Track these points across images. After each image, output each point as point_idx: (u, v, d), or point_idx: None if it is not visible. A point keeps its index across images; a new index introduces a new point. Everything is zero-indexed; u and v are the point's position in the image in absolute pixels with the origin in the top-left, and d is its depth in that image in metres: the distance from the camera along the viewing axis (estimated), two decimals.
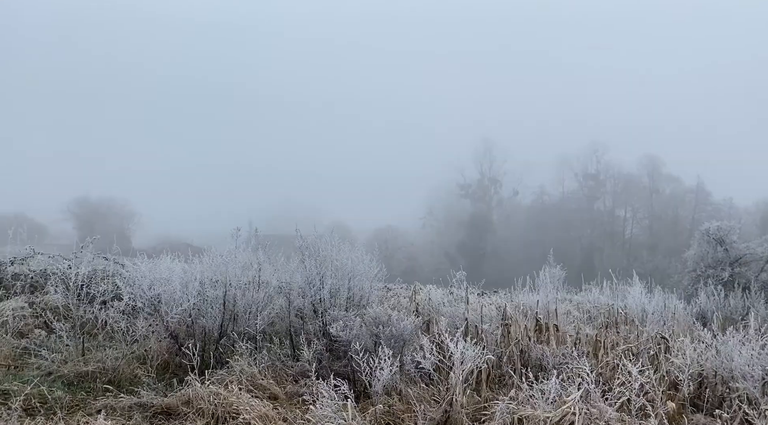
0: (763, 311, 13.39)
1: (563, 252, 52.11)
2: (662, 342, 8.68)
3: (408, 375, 6.83)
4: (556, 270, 12.82)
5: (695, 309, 13.25)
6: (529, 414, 5.26)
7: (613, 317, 11.24)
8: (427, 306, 9.94)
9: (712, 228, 17.07)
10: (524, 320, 9.55)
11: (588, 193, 63.70)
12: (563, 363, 7.32)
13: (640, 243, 59.38)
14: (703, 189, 58.33)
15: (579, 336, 8.98)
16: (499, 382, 7.19)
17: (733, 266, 16.53)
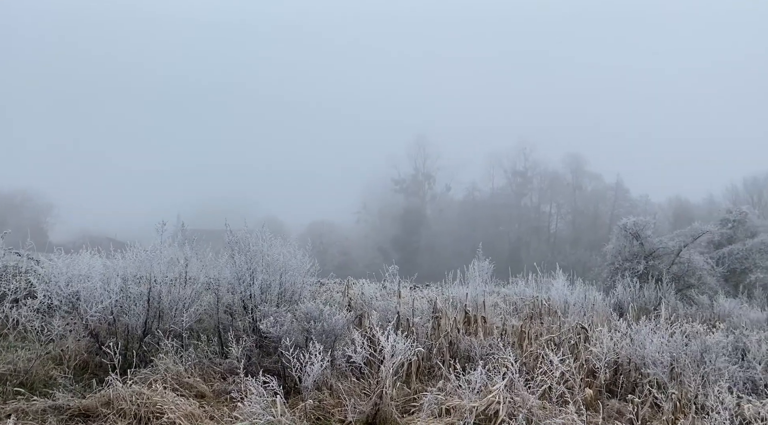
0: (674, 301, 14.37)
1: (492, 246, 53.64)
2: (582, 331, 9.13)
3: (339, 370, 6.84)
4: (485, 264, 13.19)
5: (613, 300, 13.97)
6: (456, 404, 5.41)
7: (537, 308, 11.70)
8: (359, 301, 9.98)
9: (628, 224, 18.03)
10: (454, 312, 9.80)
11: (516, 190, 65.91)
12: (490, 354, 7.56)
13: (563, 237, 62.11)
14: (622, 186, 61.71)
15: (505, 328, 9.29)
16: (429, 374, 7.34)
17: (647, 259, 17.57)
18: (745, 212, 22.21)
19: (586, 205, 62.66)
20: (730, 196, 54.32)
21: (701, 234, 19.18)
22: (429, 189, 70.46)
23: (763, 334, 10.23)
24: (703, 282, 17.15)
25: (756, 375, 7.50)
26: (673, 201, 59.84)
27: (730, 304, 14.03)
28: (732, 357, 8.24)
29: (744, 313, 13.33)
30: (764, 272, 19.67)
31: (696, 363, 7.51)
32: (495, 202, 65.73)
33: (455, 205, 69.02)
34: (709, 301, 15.14)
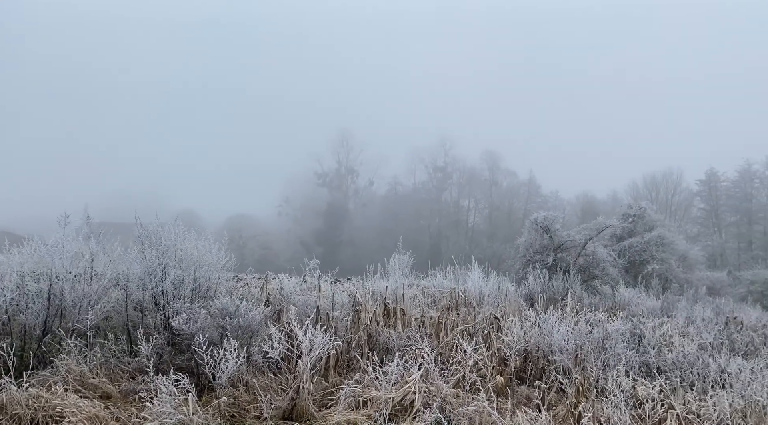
0: (580, 291, 15.21)
1: (414, 240, 54.53)
2: (495, 321, 9.49)
3: (256, 366, 6.73)
4: (406, 258, 13.38)
5: (524, 290, 14.60)
6: (373, 396, 5.47)
7: (454, 300, 12.02)
8: (278, 296, 9.84)
9: (539, 218, 18.89)
10: (374, 305, 9.88)
11: (437, 185, 67.28)
12: (408, 345, 7.70)
13: (481, 231, 64.14)
14: (535, 182, 64.62)
15: (423, 319, 9.48)
16: (348, 367, 7.37)
17: (556, 252, 18.48)
18: (644, 207, 23.93)
19: (501, 200, 65.06)
20: (631, 192, 58.17)
21: (605, 228, 20.45)
22: (352, 183, 70.57)
23: (658, 321, 11.10)
24: (606, 274, 18.28)
25: (650, 359, 8.10)
26: (581, 197, 63.35)
27: (630, 294, 15.09)
28: (630, 343, 8.86)
29: (642, 302, 14.39)
30: (660, 263, 21.32)
31: (598, 350, 8.01)
32: (417, 197, 66.82)
33: (378, 199, 69.57)
34: (611, 291, 16.20)
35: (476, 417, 5.09)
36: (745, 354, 9.31)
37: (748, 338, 10.60)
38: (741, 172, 54.69)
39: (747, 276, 30.27)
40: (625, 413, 5.16)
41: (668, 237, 22.41)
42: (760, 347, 10.03)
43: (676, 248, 22.65)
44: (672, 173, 58.53)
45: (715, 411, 5.46)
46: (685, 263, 23.32)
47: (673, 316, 12.53)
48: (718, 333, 10.49)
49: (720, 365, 7.57)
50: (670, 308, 14.09)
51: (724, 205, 54.80)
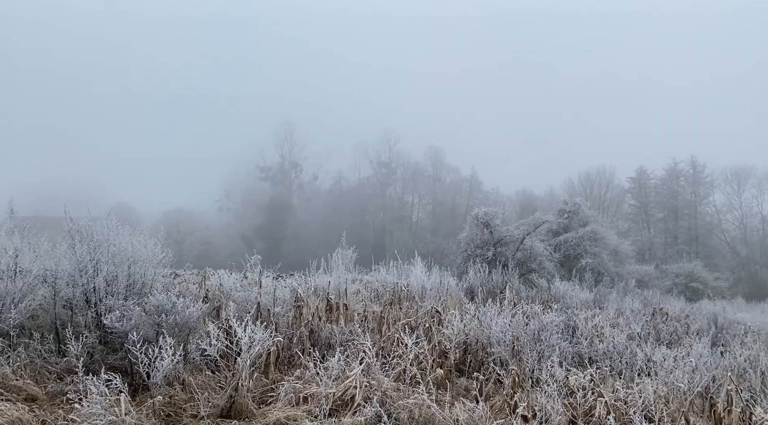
0: (517, 285, 15.65)
1: (358, 235, 54.54)
2: (436, 315, 9.63)
3: (193, 364, 6.57)
4: (349, 253, 13.37)
5: (465, 284, 14.88)
6: (314, 392, 5.45)
7: (397, 294, 12.11)
8: (217, 292, 9.62)
9: (480, 214, 19.34)
10: (316, 301, 9.83)
11: (381, 180, 67.52)
12: (350, 340, 7.70)
13: (424, 226, 64.95)
14: (477, 178, 66.00)
15: (366, 314, 9.52)
16: (289, 363, 7.30)
17: (496, 246, 18.98)
18: (579, 204, 24.86)
19: (444, 196, 66.08)
20: (567, 189, 60.38)
21: (542, 223, 21.16)
22: (296, 177, 69.83)
23: (590, 313, 11.58)
24: (542, 267, 18.92)
25: (582, 350, 8.43)
26: (520, 193, 65.25)
27: (565, 287, 15.65)
28: (564, 335, 9.20)
29: (575, 294, 14.95)
30: (593, 257, 22.22)
31: (534, 341, 8.26)
32: (361, 192, 66.90)
33: (322, 194, 69.16)
34: (547, 284, 16.75)
35: (416, 410, 5.16)
36: (669, 344, 9.82)
37: (672, 328, 11.23)
38: (668, 171, 57.76)
39: (672, 270, 32.03)
40: (558, 402, 5.36)
41: (601, 232, 23.37)
42: (682, 336, 10.62)
43: (608, 243, 23.66)
44: (605, 171, 61.16)
45: (641, 398, 5.75)
46: (616, 257, 24.41)
47: (604, 308, 13.09)
48: (645, 324, 11.04)
49: (646, 354, 7.98)
50: (601, 300, 14.71)
51: (653, 202, 57.71)
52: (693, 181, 56.79)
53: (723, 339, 10.95)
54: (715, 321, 12.50)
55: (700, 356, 8.00)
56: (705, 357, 7.99)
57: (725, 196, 57.16)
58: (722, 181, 57.03)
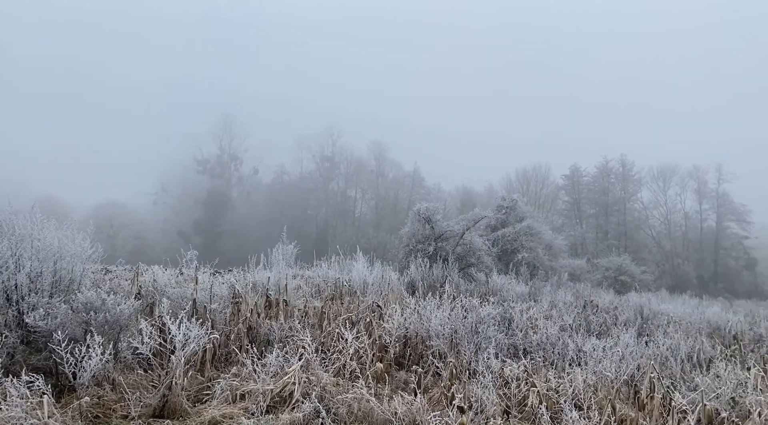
0: (457, 279, 15.93)
1: (300, 229, 54.03)
2: (377, 309, 9.68)
3: (125, 363, 6.32)
4: (290, 248, 13.22)
5: (407, 279, 15.00)
6: (252, 389, 5.36)
7: (339, 289, 12.09)
8: (151, 289, 9.29)
9: (422, 209, 19.52)
10: (255, 297, 9.67)
11: (324, 174, 67.04)
12: (289, 336, 7.62)
13: (367, 221, 65.07)
14: (419, 174, 66.69)
15: (307, 310, 9.45)
16: (226, 360, 7.15)
17: (437, 241, 19.22)
18: (516, 200, 25.55)
19: (387, 191, 66.41)
20: (505, 185, 62.01)
21: (481, 218, 21.61)
22: (235, 171, 68.31)
23: (525, 305, 11.94)
24: (481, 261, 19.33)
25: (517, 341, 8.69)
26: (461, 189, 66.52)
27: (502, 280, 16.05)
28: (500, 327, 9.44)
29: (512, 288, 15.37)
30: (529, 252, 22.89)
31: (471, 333, 8.45)
32: (303, 186, 66.23)
33: (263, 187, 68.02)
34: (485, 278, 17.13)
35: (355, 404, 5.17)
36: (599, 334, 10.24)
37: (602, 319, 11.73)
38: (599, 168, 60.29)
39: (603, 263, 33.49)
40: (493, 392, 5.51)
41: (536, 227, 24.09)
42: (611, 327, 11.11)
43: (543, 237, 24.42)
44: (541, 168, 63.21)
45: (571, 387, 5.99)
46: (550, 251, 25.24)
47: (539, 301, 13.52)
48: (577, 316, 11.48)
49: (577, 345, 8.31)
50: (536, 293, 15.20)
51: (585, 198, 60.11)
52: (622, 178, 59.54)
53: (648, 329, 11.52)
54: (641, 313, 13.14)
55: (627, 346, 8.41)
56: (631, 347, 8.41)
57: (652, 193, 60.38)
58: (649, 178, 60.18)
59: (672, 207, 59.49)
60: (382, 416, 5.00)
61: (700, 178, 58.08)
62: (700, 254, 55.40)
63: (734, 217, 56.25)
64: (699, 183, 58.12)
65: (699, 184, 58.11)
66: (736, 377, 7.13)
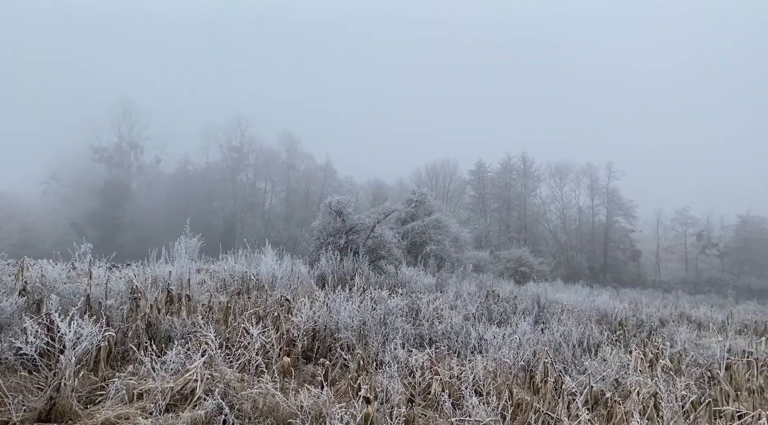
0: (367, 271, 16.08)
1: (206, 222, 52.27)
2: (285, 303, 9.57)
3: (6, 365, 5.82)
4: (194, 241, 12.74)
5: (317, 272, 14.93)
6: (150, 387, 5.12)
7: (246, 284, 11.81)
8: (38, 284, 8.60)
9: (333, 202, 19.49)
10: (155, 292, 9.23)
11: (232, 165, 65.11)
12: (192, 333, 7.36)
13: (277, 213, 64.04)
14: (331, 167, 66.53)
15: (211, 305, 9.16)
16: (123, 359, 6.78)
17: (348, 234, 19.28)
18: (425, 194, 26.15)
19: (299, 183, 65.67)
20: (415, 179, 63.40)
21: (391, 212, 21.95)
22: (135, 160, 64.68)
23: (432, 296, 12.28)
24: (391, 254, 19.63)
25: (424, 331, 8.92)
26: (372, 182, 67.14)
27: (410, 272, 16.40)
28: (408, 318, 9.65)
29: (420, 279, 15.75)
30: (437, 244, 23.53)
31: (380, 325, 8.58)
32: (210, 177, 63.98)
33: (166, 178, 64.97)
34: (394, 270, 17.42)
35: (260, 399, 5.09)
36: (499, 323, 10.73)
37: (502, 308, 12.29)
38: (503, 165, 63.15)
39: (504, 255, 35.15)
40: (398, 382, 5.63)
41: (444, 220, 24.81)
42: (511, 315, 11.68)
43: (450, 230, 25.17)
44: (449, 163, 65.22)
45: (472, 374, 6.24)
46: (457, 244, 26.08)
47: (445, 291, 13.95)
48: (480, 305, 11.96)
49: (479, 333, 8.67)
50: (443, 284, 15.67)
51: (490, 193, 62.77)
52: (523, 174, 62.77)
53: (544, 317, 12.21)
54: (538, 302, 13.91)
55: (524, 333, 8.88)
56: (528, 334, 8.89)
57: (550, 188, 64.19)
58: (547, 175, 63.92)
59: (567, 202, 63.56)
60: (287, 410, 4.95)
61: (592, 175, 62.47)
62: (591, 246, 59.59)
63: (622, 212, 61.04)
64: (592, 180, 62.51)
65: (592, 180, 62.48)
66: (619, 360, 7.74)
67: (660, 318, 14.66)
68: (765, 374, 7.65)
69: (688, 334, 10.62)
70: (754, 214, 58.15)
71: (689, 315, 16.65)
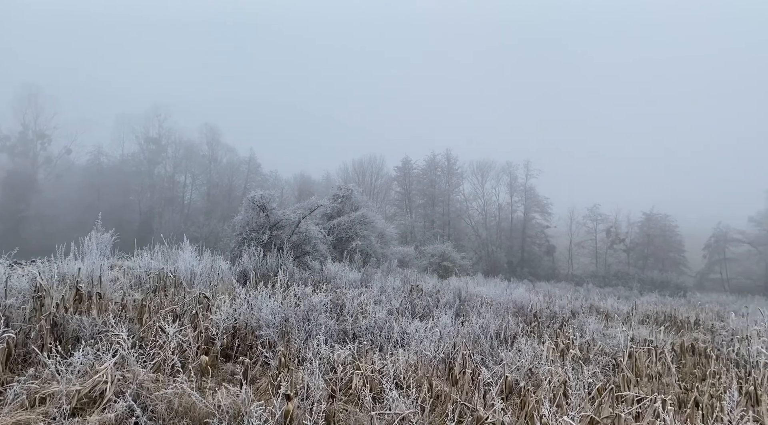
0: (292, 267, 15.91)
1: (120, 217, 49.76)
2: (204, 300, 9.29)
3: None
4: (107, 236, 12.12)
5: (239, 268, 14.60)
6: (54, 391, 4.82)
7: (162, 281, 11.37)
8: None
9: (256, 196, 19.08)
10: (63, 290, 8.69)
11: (149, 157, 62.12)
12: (103, 332, 6.99)
13: (198, 208, 61.81)
14: (255, 161, 65.06)
15: (124, 303, 8.74)
16: (24, 361, 6.34)
17: (272, 229, 18.95)
18: (351, 189, 26.18)
19: (221, 177, 63.71)
20: (342, 174, 63.31)
21: (317, 207, 21.78)
22: (42, 150, 60.39)
23: (357, 292, 12.34)
24: (316, 250, 19.50)
25: (348, 327, 8.93)
26: (299, 177, 66.41)
27: (336, 268, 16.39)
28: (332, 313, 9.64)
29: (345, 275, 15.76)
30: (363, 240, 23.64)
31: (303, 321, 8.51)
32: (125, 170, 60.83)
33: (77, 170, 61.09)
34: (320, 266, 17.33)
35: (175, 400, 4.91)
36: (422, 317, 10.92)
37: (425, 302, 12.52)
38: (428, 162, 64.33)
39: (429, 250, 35.81)
40: (320, 378, 5.61)
41: (370, 216, 24.94)
42: (433, 309, 11.92)
43: (376, 226, 25.34)
44: (376, 159, 65.63)
45: (393, 368, 6.33)
46: (382, 239, 26.30)
47: (370, 287, 14.04)
48: (404, 300, 12.13)
49: (402, 327, 8.80)
50: (368, 279, 15.75)
51: (415, 189, 63.76)
52: (447, 171, 64.23)
53: (464, 310, 12.57)
54: (459, 295, 14.28)
55: (445, 326, 9.10)
56: (449, 328, 9.12)
57: (472, 186, 66.18)
58: (470, 172, 65.83)
59: (488, 199, 65.72)
60: (204, 410, 4.81)
61: (512, 173, 64.99)
62: (510, 241, 61.95)
63: (538, 209, 63.89)
64: (511, 177, 64.99)
65: (511, 178, 64.97)
66: (533, 350, 8.10)
67: (572, 309, 15.45)
68: (663, 361, 8.25)
69: (597, 325, 11.26)
70: (656, 211, 62.52)
71: (598, 306, 17.65)
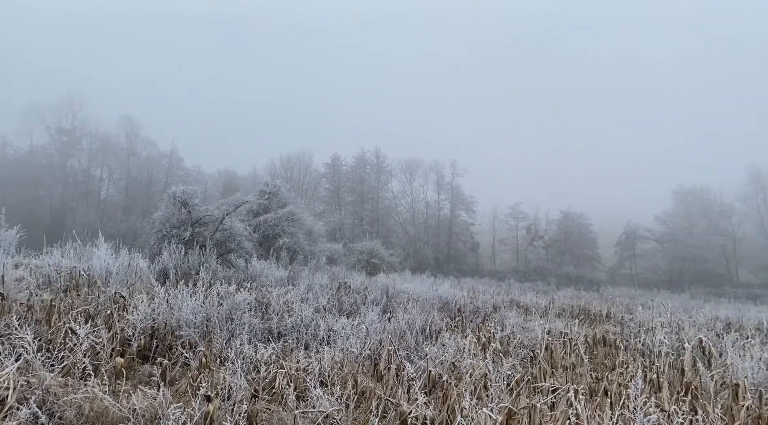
0: (215, 265, 15.46)
1: (28, 212, 46.59)
2: (120, 300, 8.86)
3: None
4: (11, 232, 11.37)
5: (158, 266, 14.03)
6: None
7: (75, 280, 10.76)
8: None
9: (178, 192, 18.37)
10: None
11: (61, 149, 58.36)
12: (5, 335, 6.52)
13: (115, 203, 58.79)
14: (177, 155, 62.61)
15: (31, 303, 8.19)
16: None
17: (194, 226, 18.31)
18: (279, 186, 25.78)
19: (140, 171, 60.90)
20: (269, 170, 62.19)
21: (242, 203, 21.28)
22: None
23: (283, 290, 12.16)
24: (241, 247, 19.06)
25: (273, 325, 8.80)
26: (223, 172, 64.68)
27: (262, 265, 16.08)
28: (257, 312, 9.46)
29: (271, 273, 15.51)
30: (290, 237, 23.34)
31: (225, 320, 8.30)
32: (34, 162, 56.91)
33: None
34: (245, 264, 16.96)
35: (86, 405, 4.65)
36: (349, 314, 10.92)
37: (353, 299, 12.54)
38: (357, 159, 64.43)
39: (357, 247, 35.90)
40: (242, 378, 5.49)
41: (298, 213, 24.64)
42: (360, 306, 11.96)
43: (304, 223, 25.09)
44: (305, 155, 64.97)
45: (318, 365, 6.29)
46: (310, 236, 26.07)
47: (297, 284, 13.89)
48: (331, 297, 12.09)
49: (328, 324, 8.77)
50: (295, 277, 15.58)
51: (345, 186, 63.69)
52: (377, 169, 64.62)
53: (391, 306, 12.69)
54: (387, 292, 14.39)
55: (372, 323, 9.16)
56: (375, 324, 9.19)
57: (400, 183, 66.97)
58: (399, 170, 66.55)
59: (416, 196, 66.76)
60: (118, 414, 4.59)
61: (439, 171, 66.34)
62: (437, 238, 63.23)
63: (464, 207, 65.60)
64: (438, 176, 66.33)
65: (438, 176, 66.31)
66: (456, 344, 8.30)
67: (494, 304, 15.96)
68: (576, 352, 8.69)
69: (517, 319, 11.69)
70: (573, 210, 65.75)
71: (518, 301, 18.35)
